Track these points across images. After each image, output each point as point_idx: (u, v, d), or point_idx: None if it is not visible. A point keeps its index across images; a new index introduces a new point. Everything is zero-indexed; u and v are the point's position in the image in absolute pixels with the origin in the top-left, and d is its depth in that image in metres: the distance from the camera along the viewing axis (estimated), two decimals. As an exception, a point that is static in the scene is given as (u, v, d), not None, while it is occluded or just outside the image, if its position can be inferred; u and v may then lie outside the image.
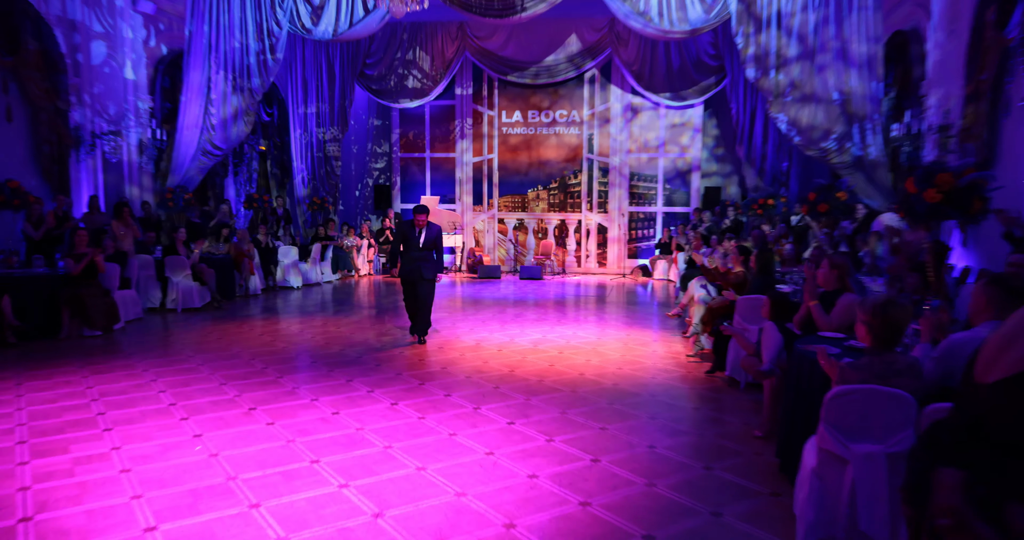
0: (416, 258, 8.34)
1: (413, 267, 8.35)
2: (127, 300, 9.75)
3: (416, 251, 8.33)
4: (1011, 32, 8.15)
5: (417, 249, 8.33)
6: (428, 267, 8.39)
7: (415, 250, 8.33)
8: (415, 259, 8.34)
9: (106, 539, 3.49)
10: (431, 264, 8.41)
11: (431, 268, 8.42)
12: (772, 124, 14.38)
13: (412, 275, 8.37)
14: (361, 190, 18.26)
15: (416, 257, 8.35)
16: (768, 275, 7.16)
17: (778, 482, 4.27)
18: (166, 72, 13.58)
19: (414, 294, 8.45)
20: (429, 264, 8.39)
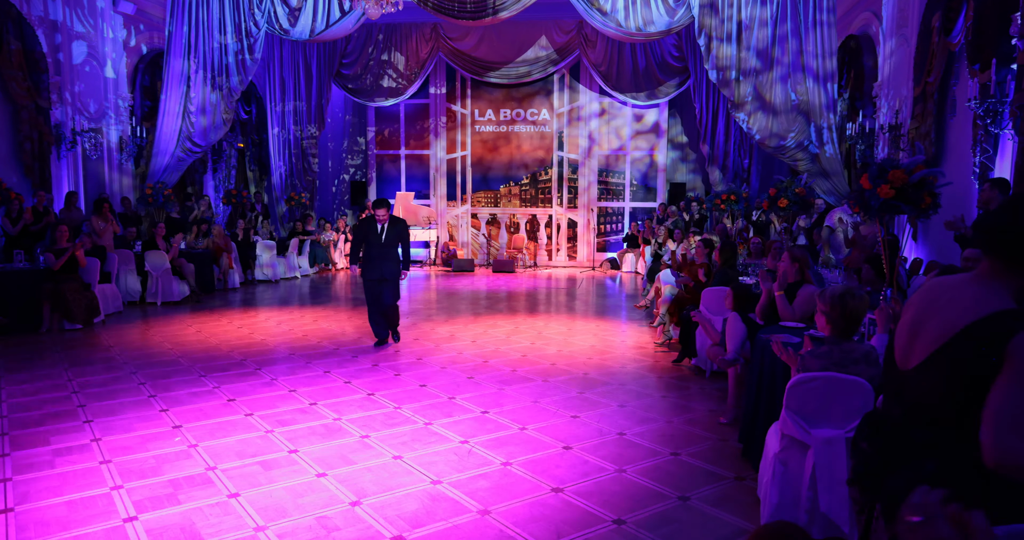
0: (378, 256, 7.75)
1: (376, 266, 7.77)
2: (107, 294, 9.89)
3: (378, 249, 7.75)
4: (955, 37, 8.53)
5: (379, 246, 7.74)
6: (392, 266, 7.81)
7: (377, 247, 7.75)
8: (378, 258, 7.75)
9: (87, 529, 3.53)
10: (396, 263, 7.84)
11: (396, 267, 7.84)
12: (734, 123, 14.83)
13: (376, 273, 7.79)
14: (338, 186, 18.39)
15: (378, 255, 7.75)
16: (731, 267, 7.40)
17: (742, 467, 4.44)
18: (146, 71, 13.80)
19: (379, 296, 7.86)
20: (393, 263, 7.82)
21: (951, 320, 1.90)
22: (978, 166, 8.12)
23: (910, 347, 1.99)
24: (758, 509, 3.77)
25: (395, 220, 7.84)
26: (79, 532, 3.51)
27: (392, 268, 7.79)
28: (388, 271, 7.77)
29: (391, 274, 7.79)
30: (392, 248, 7.78)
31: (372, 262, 7.75)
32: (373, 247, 7.74)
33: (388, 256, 7.75)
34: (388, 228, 7.77)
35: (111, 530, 3.55)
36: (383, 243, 7.73)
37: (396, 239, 7.80)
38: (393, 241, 7.78)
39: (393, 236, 7.79)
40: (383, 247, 7.73)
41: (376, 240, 7.74)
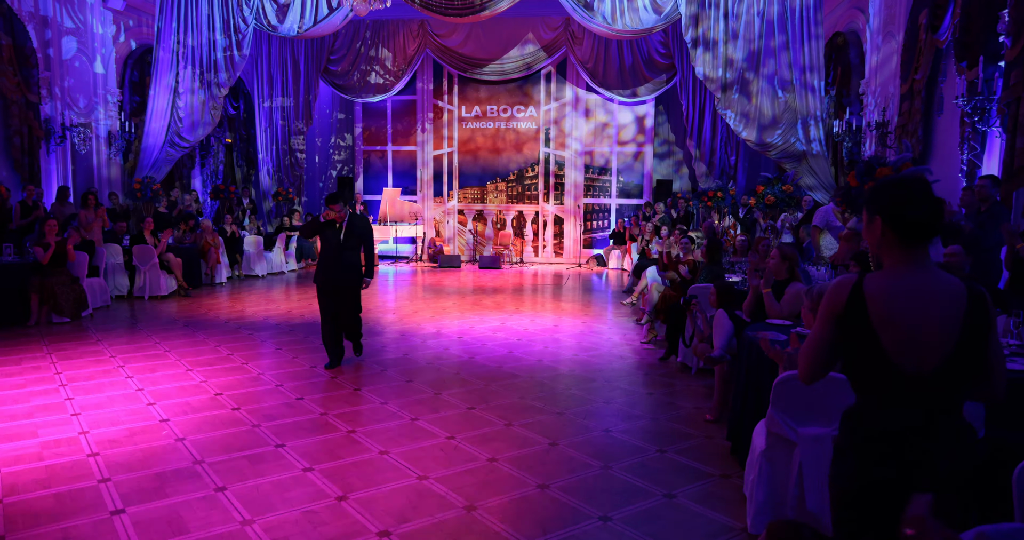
0: (336, 261, 6.58)
1: (332, 272, 6.59)
2: (95, 288, 9.92)
3: (336, 251, 6.59)
4: (943, 35, 8.58)
5: (337, 248, 6.57)
6: (352, 273, 6.64)
7: (335, 250, 6.58)
8: (335, 262, 6.58)
9: (74, 522, 3.55)
10: (356, 269, 6.68)
11: (356, 274, 6.68)
12: (720, 120, 14.87)
13: (332, 282, 6.61)
14: (325, 182, 18.39)
15: (336, 259, 6.58)
16: (717, 265, 7.45)
17: (728, 464, 4.47)
18: (135, 66, 13.87)
19: (334, 307, 6.67)
20: (354, 269, 6.65)
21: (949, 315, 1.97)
22: (965, 164, 8.18)
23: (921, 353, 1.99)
24: (744, 507, 3.79)
25: (356, 218, 6.68)
26: (66, 524, 3.52)
27: (352, 276, 6.62)
28: (347, 278, 6.59)
29: (351, 282, 6.62)
30: (352, 251, 6.63)
31: (328, 268, 6.59)
32: (330, 249, 6.59)
33: (347, 261, 6.58)
34: (347, 227, 6.58)
35: (98, 523, 3.55)
36: (342, 245, 6.54)
37: (357, 240, 6.63)
38: (354, 243, 6.62)
39: (353, 237, 6.60)
40: (342, 249, 6.55)
41: (333, 241, 6.55)
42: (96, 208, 11.08)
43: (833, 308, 2.07)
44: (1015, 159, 6.81)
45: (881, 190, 2.06)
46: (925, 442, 1.96)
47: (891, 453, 1.98)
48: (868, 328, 2.00)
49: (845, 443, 2.09)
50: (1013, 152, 6.85)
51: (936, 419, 1.98)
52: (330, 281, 6.61)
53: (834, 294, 2.07)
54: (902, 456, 1.97)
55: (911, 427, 1.98)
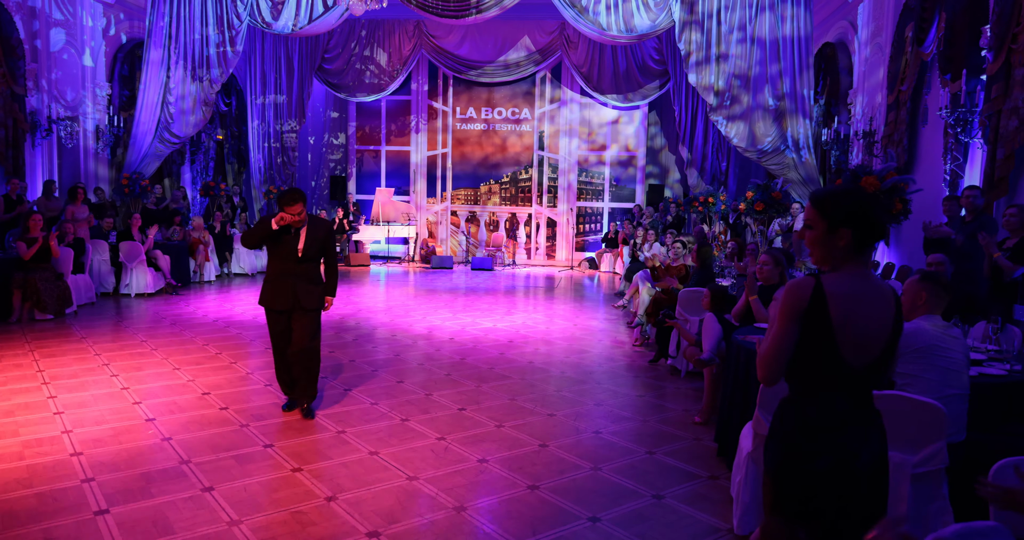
0: (290, 276, 5.19)
1: (285, 290, 5.18)
2: (80, 284, 9.80)
3: (291, 264, 5.19)
4: (928, 47, 8.70)
5: (293, 259, 5.19)
6: (311, 290, 5.24)
7: (289, 262, 5.19)
8: (290, 277, 5.19)
9: (57, 522, 3.50)
10: (316, 285, 5.30)
11: (316, 292, 5.29)
12: (712, 126, 14.96)
13: (283, 302, 5.19)
14: (317, 181, 18.35)
15: (290, 274, 5.19)
16: (708, 269, 7.48)
17: (716, 466, 4.50)
18: (125, 60, 13.71)
19: (287, 332, 5.29)
20: (313, 286, 5.26)
21: (887, 316, 2.25)
22: (948, 174, 8.28)
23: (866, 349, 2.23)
24: (731, 508, 3.81)
25: (317, 222, 5.31)
26: (48, 524, 3.49)
27: (311, 295, 5.24)
28: (305, 299, 5.20)
29: (310, 303, 5.22)
30: (312, 264, 5.28)
31: (281, 285, 5.18)
32: (283, 262, 5.21)
33: (305, 275, 5.22)
34: (307, 234, 5.20)
35: (81, 523, 3.52)
36: (299, 256, 5.18)
37: (318, 250, 5.28)
38: (314, 254, 5.26)
39: (314, 246, 5.24)
40: (298, 261, 5.19)
41: (288, 251, 5.18)
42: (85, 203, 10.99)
43: (797, 307, 2.22)
44: (995, 170, 6.92)
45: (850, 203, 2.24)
46: (863, 428, 2.23)
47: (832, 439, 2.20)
48: (828, 326, 2.18)
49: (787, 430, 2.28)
50: (994, 163, 6.96)
51: (867, 407, 2.27)
52: (283, 302, 5.16)
53: (796, 294, 2.22)
54: (842, 441, 2.20)
55: (850, 414, 2.23)
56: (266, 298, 5.24)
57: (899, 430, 3.20)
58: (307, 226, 5.21)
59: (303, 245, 5.18)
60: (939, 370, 3.39)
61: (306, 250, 5.20)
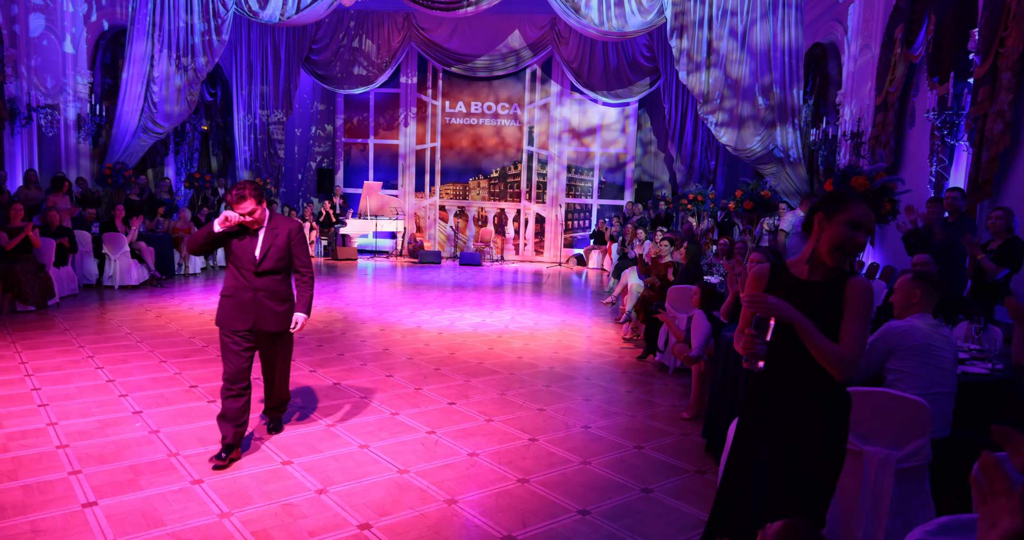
0: (251, 287, 4.24)
1: (246, 307, 4.25)
2: (62, 276, 9.68)
3: (247, 274, 4.23)
4: (917, 49, 8.78)
5: (251, 268, 4.22)
6: (277, 308, 4.32)
7: (246, 270, 4.23)
8: (249, 289, 4.24)
9: (44, 514, 3.47)
10: (283, 302, 4.36)
11: (281, 310, 4.34)
12: (702, 124, 15.06)
13: (244, 319, 4.25)
14: (304, 173, 18.20)
15: (250, 286, 4.24)
16: (697, 266, 7.52)
17: (704, 460, 4.55)
18: (107, 47, 13.48)
19: (247, 363, 4.31)
20: (278, 302, 4.32)
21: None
22: (934, 175, 8.37)
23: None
24: (719, 502, 3.86)
25: (280, 222, 4.33)
26: (36, 517, 3.45)
27: (275, 314, 4.30)
28: (269, 318, 4.29)
29: (276, 323, 4.32)
30: (274, 276, 4.29)
31: (239, 298, 4.24)
32: (239, 272, 4.25)
33: (267, 290, 4.26)
34: (266, 236, 4.24)
35: (70, 515, 3.49)
36: (258, 264, 4.21)
37: (281, 259, 4.28)
38: (275, 263, 4.27)
39: (275, 253, 4.25)
40: (259, 272, 4.22)
41: (245, 258, 4.22)
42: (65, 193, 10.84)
43: (872, 306, 2.49)
44: (980, 173, 7.01)
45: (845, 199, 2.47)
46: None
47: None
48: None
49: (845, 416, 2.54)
50: (979, 166, 7.05)
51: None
52: (243, 317, 4.22)
53: (871, 294, 2.47)
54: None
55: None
56: (222, 317, 4.24)
57: (884, 426, 3.25)
58: (265, 229, 4.22)
59: (259, 253, 4.20)
60: (929, 367, 3.44)
61: (264, 259, 4.20)
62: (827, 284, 2.49)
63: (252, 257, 4.24)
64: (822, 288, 2.49)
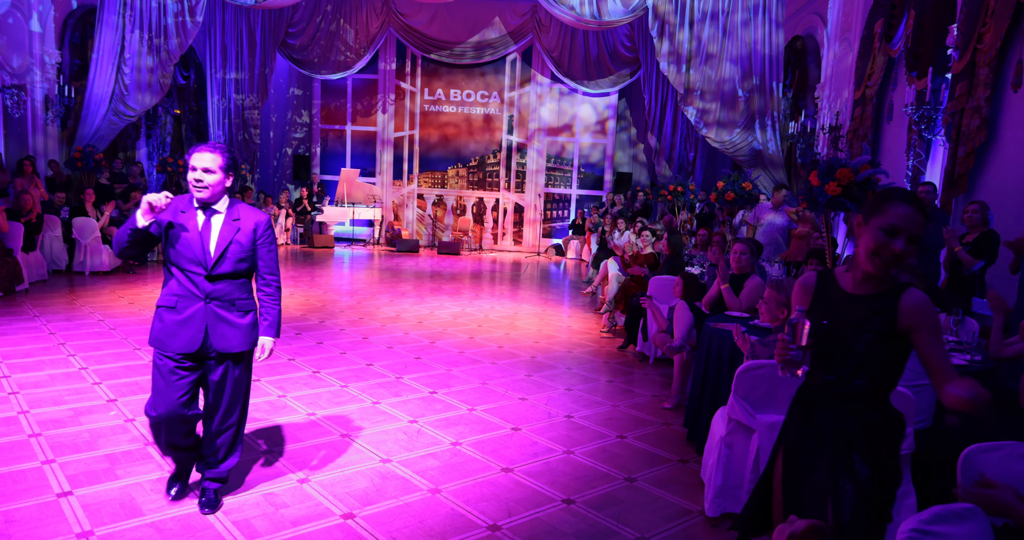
0: (202, 295, 3.32)
1: (192, 321, 3.30)
2: (31, 261, 9.48)
3: (196, 278, 3.30)
4: (896, 44, 8.84)
5: (202, 270, 3.29)
6: (232, 322, 3.36)
7: (194, 273, 3.30)
8: (199, 297, 3.31)
9: (17, 504, 3.40)
10: (242, 315, 3.40)
11: (241, 325, 3.39)
12: (681, 115, 15.08)
13: (187, 340, 3.30)
14: (279, 159, 17.94)
15: (200, 294, 3.31)
16: (678, 257, 7.55)
17: (686, 450, 4.58)
18: (76, 27, 13.04)
19: (191, 393, 3.37)
20: (235, 314, 3.38)
21: None
22: (910, 170, 8.46)
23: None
24: (701, 490, 3.90)
25: (246, 213, 3.39)
26: (9, 507, 3.37)
27: (238, 327, 3.38)
28: (228, 334, 3.36)
29: (237, 341, 3.38)
30: (232, 281, 3.37)
31: (184, 311, 3.30)
32: (186, 276, 3.30)
33: (225, 297, 3.35)
34: (225, 227, 3.33)
35: (44, 505, 3.41)
36: (212, 265, 3.29)
37: (242, 258, 3.36)
38: (235, 265, 3.34)
39: (237, 251, 3.34)
40: (213, 275, 3.31)
41: (192, 253, 3.28)
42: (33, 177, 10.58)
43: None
44: (956, 167, 7.09)
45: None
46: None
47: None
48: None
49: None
50: (955, 161, 7.13)
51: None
52: (187, 340, 3.27)
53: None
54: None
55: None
56: (158, 336, 3.26)
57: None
58: (224, 218, 3.30)
59: (215, 249, 3.26)
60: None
61: (221, 259, 3.26)
62: (877, 299, 2.22)
63: (204, 255, 3.25)
64: (871, 304, 2.22)
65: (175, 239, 3.28)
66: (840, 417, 2.27)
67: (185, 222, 3.30)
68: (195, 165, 3.23)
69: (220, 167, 3.27)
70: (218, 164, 3.26)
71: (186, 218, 3.31)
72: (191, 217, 3.32)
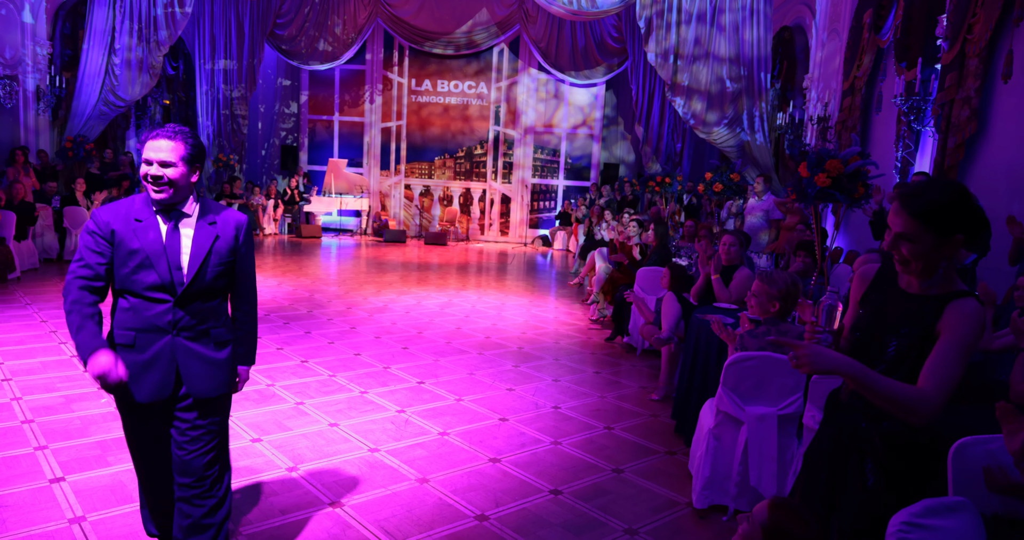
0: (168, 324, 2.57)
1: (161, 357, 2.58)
2: (23, 250, 9.48)
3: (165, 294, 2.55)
4: (885, 35, 8.86)
5: (168, 291, 2.55)
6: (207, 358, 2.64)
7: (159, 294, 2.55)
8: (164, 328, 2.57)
9: (10, 490, 3.43)
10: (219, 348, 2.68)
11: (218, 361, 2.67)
12: (669, 106, 15.10)
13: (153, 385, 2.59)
14: (268, 149, 17.86)
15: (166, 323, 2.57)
16: (665, 248, 7.58)
17: (673, 441, 4.61)
18: (67, 18, 13.17)
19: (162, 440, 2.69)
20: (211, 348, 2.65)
21: None
22: (899, 161, 8.50)
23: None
24: (689, 482, 3.92)
25: (223, 215, 2.69)
26: (3, 492, 3.42)
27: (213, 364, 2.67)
28: (200, 378, 2.65)
29: (211, 383, 2.67)
30: (208, 302, 2.65)
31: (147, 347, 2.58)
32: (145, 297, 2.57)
33: (197, 326, 2.63)
34: (199, 233, 2.61)
35: (37, 491, 3.45)
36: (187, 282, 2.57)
37: (224, 272, 2.67)
38: (216, 279, 2.65)
39: (219, 261, 2.64)
40: (180, 298, 2.57)
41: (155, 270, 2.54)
42: (25, 166, 10.55)
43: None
44: (946, 159, 7.12)
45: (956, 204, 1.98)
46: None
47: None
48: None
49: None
50: (944, 151, 7.16)
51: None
52: (153, 386, 2.60)
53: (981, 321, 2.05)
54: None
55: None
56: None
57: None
58: (195, 223, 2.60)
59: (187, 262, 2.56)
60: None
61: (199, 274, 2.57)
62: (926, 301, 2.05)
63: (173, 274, 2.53)
64: (918, 304, 2.06)
65: (130, 258, 2.51)
66: (860, 421, 2.16)
67: (143, 233, 2.52)
68: (150, 157, 2.49)
69: (181, 158, 2.51)
70: (179, 155, 2.50)
71: (143, 228, 2.53)
72: (151, 226, 2.54)
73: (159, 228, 2.56)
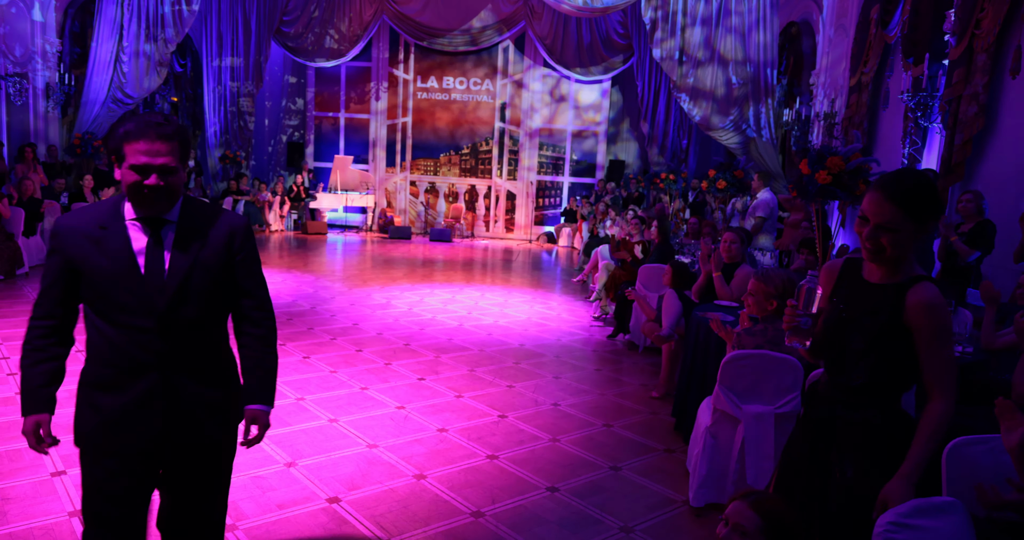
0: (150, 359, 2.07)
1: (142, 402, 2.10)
2: (31, 246, 9.60)
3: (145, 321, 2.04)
4: (892, 30, 8.79)
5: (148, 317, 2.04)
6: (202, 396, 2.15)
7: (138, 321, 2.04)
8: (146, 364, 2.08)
9: (13, 483, 3.48)
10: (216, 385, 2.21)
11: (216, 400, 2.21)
12: (674, 103, 15.06)
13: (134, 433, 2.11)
14: (274, 146, 17.91)
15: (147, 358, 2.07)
16: (668, 244, 7.57)
17: (672, 440, 4.61)
18: (76, 16, 13.33)
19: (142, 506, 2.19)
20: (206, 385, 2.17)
21: None
22: (906, 157, 8.44)
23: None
24: (686, 480, 3.91)
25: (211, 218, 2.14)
26: (5, 484, 3.45)
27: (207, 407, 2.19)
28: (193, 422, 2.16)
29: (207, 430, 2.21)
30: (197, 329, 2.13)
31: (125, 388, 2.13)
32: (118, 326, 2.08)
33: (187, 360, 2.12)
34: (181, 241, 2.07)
35: (39, 483, 3.50)
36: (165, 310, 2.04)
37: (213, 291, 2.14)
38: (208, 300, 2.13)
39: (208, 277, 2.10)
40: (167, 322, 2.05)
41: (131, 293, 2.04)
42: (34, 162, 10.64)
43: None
44: (953, 155, 7.06)
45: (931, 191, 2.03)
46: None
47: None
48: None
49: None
50: (951, 148, 7.10)
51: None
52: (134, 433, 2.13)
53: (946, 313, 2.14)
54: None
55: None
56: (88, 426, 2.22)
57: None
58: (175, 229, 2.09)
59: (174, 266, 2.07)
60: None
61: (183, 294, 2.08)
62: (885, 290, 2.09)
63: (152, 294, 2.05)
64: (879, 294, 2.11)
65: (98, 275, 2.04)
66: (836, 412, 2.18)
67: (112, 245, 2.03)
68: (147, 163, 1.96)
69: (178, 158, 2.03)
70: (178, 156, 2.03)
71: (111, 238, 2.04)
72: (119, 236, 2.05)
73: (127, 237, 2.04)
